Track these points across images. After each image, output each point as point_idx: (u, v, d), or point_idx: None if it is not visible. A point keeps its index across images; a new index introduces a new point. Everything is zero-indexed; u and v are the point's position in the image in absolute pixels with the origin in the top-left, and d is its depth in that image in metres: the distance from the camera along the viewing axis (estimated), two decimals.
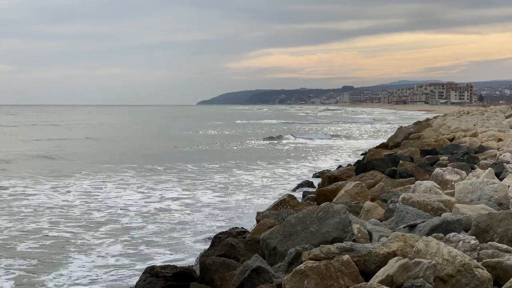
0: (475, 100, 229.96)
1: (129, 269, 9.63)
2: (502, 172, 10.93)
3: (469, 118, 38.54)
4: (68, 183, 19.06)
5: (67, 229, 12.50)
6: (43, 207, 14.88)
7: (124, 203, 15.70)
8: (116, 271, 9.50)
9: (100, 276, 9.22)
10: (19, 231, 12.28)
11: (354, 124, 76.58)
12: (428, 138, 24.90)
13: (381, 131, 58.04)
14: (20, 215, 13.86)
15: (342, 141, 43.30)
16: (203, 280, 7.27)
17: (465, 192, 8.23)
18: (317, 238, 6.62)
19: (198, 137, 47.95)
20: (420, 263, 4.96)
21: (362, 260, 5.61)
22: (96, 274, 9.33)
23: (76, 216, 13.93)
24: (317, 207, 7.19)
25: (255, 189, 18.33)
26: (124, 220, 13.48)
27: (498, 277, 5.21)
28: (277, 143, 40.75)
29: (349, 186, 10.77)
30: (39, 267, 9.79)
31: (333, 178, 15.13)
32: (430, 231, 6.20)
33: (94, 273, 9.39)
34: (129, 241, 11.56)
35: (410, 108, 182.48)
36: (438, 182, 10.14)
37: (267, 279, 6.03)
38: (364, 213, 8.56)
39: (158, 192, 17.52)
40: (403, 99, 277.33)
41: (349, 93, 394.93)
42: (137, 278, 7.48)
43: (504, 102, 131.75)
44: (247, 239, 8.57)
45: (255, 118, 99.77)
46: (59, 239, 11.67)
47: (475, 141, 19.52)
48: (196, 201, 16.08)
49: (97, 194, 17.09)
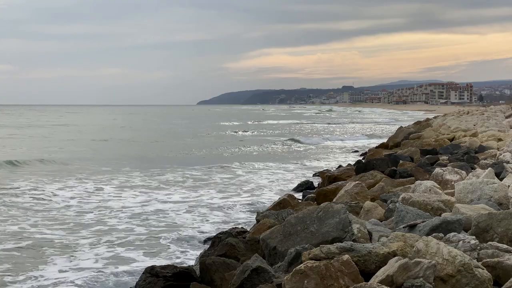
0: (475, 100, 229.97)
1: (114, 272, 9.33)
2: (502, 172, 10.93)
3: (469, 118, 38.52)
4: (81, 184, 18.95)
5: (50, 232, 12.19)
6: (31, 209, 14.57)
7: (122, 205, 15.66)
8: (93, 274, 9.18)
9: (73, 280, 8.90)
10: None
11: (378, 125, 73.52)
12: (428, 138, 24.92)
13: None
14: (4, 216, 13.59)
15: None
16: (203, 280, 7.28)
17: (465, 192, 8.23)
18: (317, 238, 6.63)
19: (227, 139, 46.25)
20: (420, 263, 4.96)
21: (362, 260, 5.61)
22: (71, 278, 9.02)
23: (64, 218, 13.65)
24: (317, 207, 7.19)
25: (255, 189, 18.33)
26: (111, 222, 13.23)
27: (498, 277, 5.21)
28: (315, 147, 37.60)
29: (349, 186, 10.78)
30: (11, 270, 9.45)
31: (333, 178, 15.15)
32: (430, 231, 6.20)
33: (70, 276, 9.10)
34: (113, 243, 11.30)
35: (410, 108, 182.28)
36: (438, 182, 10.14)
37: (267, 279, 6.03)
38: (364, 213, 8.56)
39: (161, 193, 17.53)
40: (403, 99, 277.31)
41: (349, 93, 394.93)
42: (115, 281, 7.25)
43: (504, 102, 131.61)
44: (247, 239, 8.58)
45: (268, 119, 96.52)
46: (39, 241, 11.33)
47: (475, 141, 19.52)
48: (196, 201, 16.07)
49: (97, 195, 17.06)
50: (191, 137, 47.65)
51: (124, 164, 25.07)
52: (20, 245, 11.02)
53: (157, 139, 44.63)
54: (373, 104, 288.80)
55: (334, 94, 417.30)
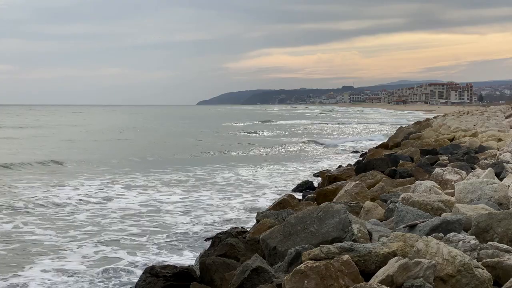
0: (475, 100, 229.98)
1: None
2: (502, 172, 10.92)
3: (469, 118, 38.52)
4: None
5: (40, 232, 12.13)
6: (19, 210, 14.42)
7: (123, 205, 15.67)
8: (77, 275, 9.12)
9: (55, 282, 8.83)
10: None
11: (391, 125, 70.32)
12: (428, 138, 24.90)
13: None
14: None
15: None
16: (203, 280, 7.27)
17: (465, 192, 8.23)
18: (317, 238, 6.63)
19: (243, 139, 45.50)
20: (420, 263, 4.96)
21: (362, 260, 5.61)
22: (55, 279, 8.95)
23: (64, 218, 13.62)
24: (317, 207, 7.19)
25: (256, 189, 18.33)
26: (112, 222, 13.20)
27: (498, 277, 5.21)
28: (335, 148, 36.45)
29: (349, 186, 10.77)
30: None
31: (333, 178, 15.14)
32: (430, 231, 6.20)
33: (53, 277, 9.03)
34: (113, 243, 11.28)
35: (410, 108, 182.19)
36: (438, 182, 10.13)
37: (267, 279, 6.03)
38: (364, 213, 8.56)
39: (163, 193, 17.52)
40: (403, 99, 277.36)
41: (349, 93, 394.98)
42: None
43: (504, 102, 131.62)
44: (247, 239, 8.57)
45: (277, 119, 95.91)
46: (26, 242, 11.26)
47: (475, 141, 19.52)
48: (196, 201, 16.07)
49: (97, 197, 17.06)
50: (201, 137, 46.87)
51: (135, 165, 25.06)
52: (13, 246, 10.97)
53: (166, 139, 44.25)
54: (374, 104, 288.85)
55: (334, 94, 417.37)
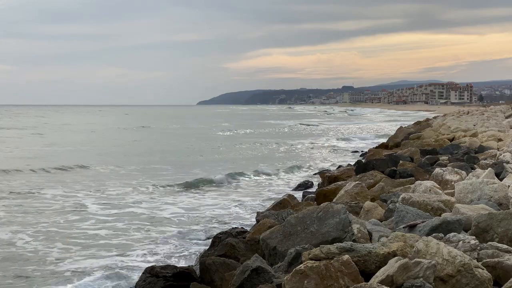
0: (475, 100, 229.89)
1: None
2: (502, 172, 10.93)
3: (469, 118, 38.53)
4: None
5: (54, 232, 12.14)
6: (11, 212, 14.31)
7: (124, 205, 15.66)
8: (93, 274, 9.11)
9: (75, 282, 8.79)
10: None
11: (403, 122, 71.67)
12: (428, 138, 24.90)
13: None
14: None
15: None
16: (203, 280, 7.27)
17: (465, 192, 8.23)
18: (317, 238, 6.63)
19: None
20: (420, 263, 4.96)
21: (362, 260, 5.60)
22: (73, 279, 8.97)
23: (65, 218, 13.57)
24: (317, 207, 7.19)
25: (256, 188, 18.32)
26: (112, 221, 13.18)
27: (498, 277, 5.21)
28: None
29: (349, 186, 10.77)
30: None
31: (333, 178, 15.13)
32: (430, 231, 6.20)
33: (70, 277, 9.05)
34: (113, 243, 11.28)
35: (411, 108, 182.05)
36: (438, 182, 10.14)
37: (267, 279, 6.03)
38: (364, 213, 8.56)
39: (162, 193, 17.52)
40: (403, 99, 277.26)
41: (349, 93, 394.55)
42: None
43: (504, 102, 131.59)
44: (247, 239, 8.57)
45: (282, 119, 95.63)
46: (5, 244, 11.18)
47: (475, 141, 19.52)
48: (196, 201, 16.07)
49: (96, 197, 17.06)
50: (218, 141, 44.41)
51: (135, 165, 24.99)
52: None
53: (177, 140, 43.06)
54: (374, 104, 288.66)
55: (334, 94, 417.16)
